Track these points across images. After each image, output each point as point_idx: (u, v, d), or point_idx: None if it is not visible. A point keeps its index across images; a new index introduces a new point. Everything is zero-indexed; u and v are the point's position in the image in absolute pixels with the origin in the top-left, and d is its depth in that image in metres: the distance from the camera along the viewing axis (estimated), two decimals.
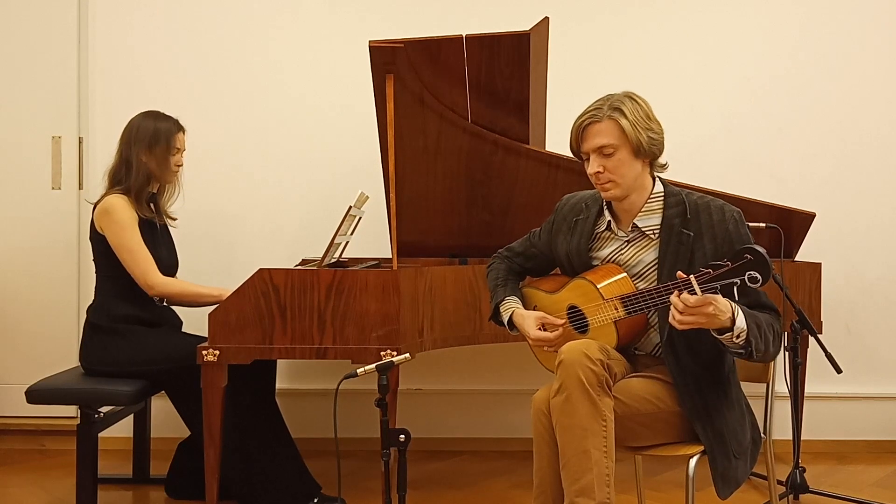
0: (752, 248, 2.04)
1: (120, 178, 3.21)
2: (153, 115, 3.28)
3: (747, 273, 2.04)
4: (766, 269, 2.03)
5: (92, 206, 3.23)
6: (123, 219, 3.12)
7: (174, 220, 3.39)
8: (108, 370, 3.09)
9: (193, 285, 3.27)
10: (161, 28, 4.04)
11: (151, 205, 3.28)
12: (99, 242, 3.17)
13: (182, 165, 3.32)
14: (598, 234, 2.48)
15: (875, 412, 4.09)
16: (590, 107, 2.36)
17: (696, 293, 2.08)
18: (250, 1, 4.06)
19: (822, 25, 4.08)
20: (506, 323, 2.57)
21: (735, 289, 2.06)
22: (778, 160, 4.08)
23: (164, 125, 3.26)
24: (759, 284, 2.04)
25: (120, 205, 3.13)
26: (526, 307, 2.57)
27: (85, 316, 3.22)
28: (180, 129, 3.31)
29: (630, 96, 2.36)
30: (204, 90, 4.03)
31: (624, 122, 2.30)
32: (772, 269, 2.05)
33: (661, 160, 2.41)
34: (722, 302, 2.10)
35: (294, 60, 4.05)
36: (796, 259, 3.68)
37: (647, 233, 2.39)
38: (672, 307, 2.12)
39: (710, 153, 4.05)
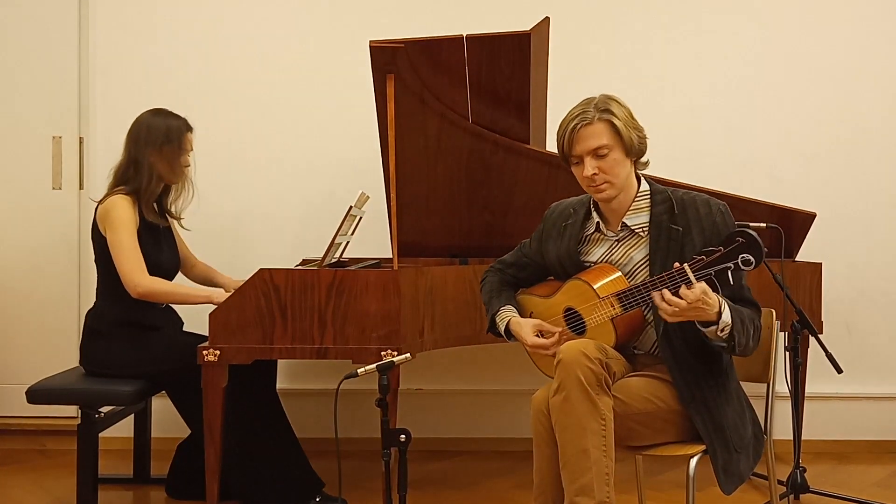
0: (743, 231, 2.05)
1: (127, 178, 3.15)
2: (163, 114, 3.21)
3: (740, 256, 2.05)
4: (759, 251, 2.04)
5: (95, 205, 3.18)
6: (122, 218, 3.07)
7: (181, 219, 3.33)
8: (108, 372, 3.08)
9: (181, 286, 3.22)
10: (161, 28, 4.04)
11: (156, 206, 3.23)
12: (100, 242, 3.13)
13: (189, 166, 3.26)
14: (587, 236, 2.50)
15: (875, 412, 4.09)
16: (575, 111, 2.36)
17: (690, 281, 2.10)
18: (251, 1, 4.06)
19: (821, 26, 4.08)
20: (503, 332, 2.57)
21: (729, 273, 2.07)
22: (778, 160, 4.08)
23: (174, 124, 3.19)
24: (752, 267, 2.05)
25: (121, 205, 3.09)
26: (522, 315, 2.58)
27: (84, 318, 3.20)
28: (190, 128, 3.24)
29: (612, 98, 2.37)
30: (204, 90, 4.03)
31: (616, 121, 2.32)
32: (764, 251, 2.06)
33: (643, 158, 2.43)
34: (712, 296, 2.13)
35: (294, 60, 4.05)
36: (797, 259, 3.68)
37: (637, 231, 2.41)
38: (662, 301, 2.15)
39: (710, 153, 4.05)
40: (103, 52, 4.02)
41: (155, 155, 3.15)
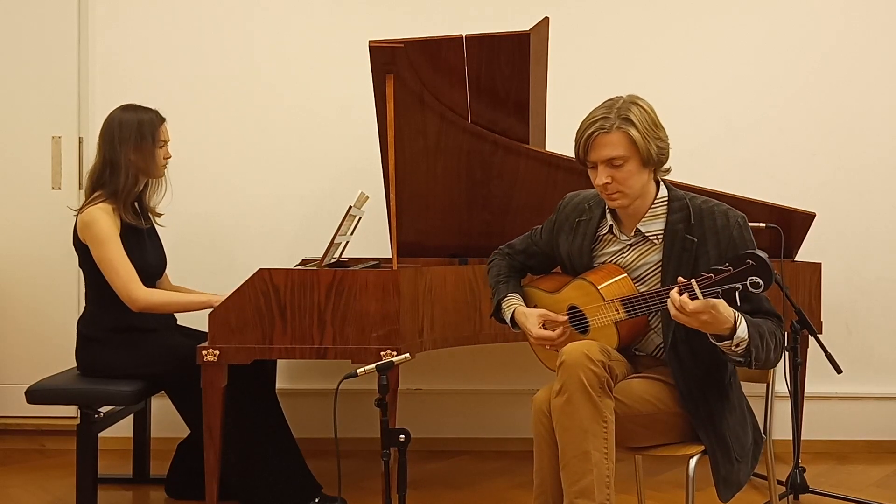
0: (754, 254, 2.03)
1: (104, 181, 3.07)
2: (132, 109, 3.13)
3: (749, 279, 2.03)
4: (768, 274, 2.03)
5: (75, 213, 3.12)
6: (104, 231, 3.00)
7: (160, 215, 3.27)
8: (107, 375, 3.07)
9: (179, 295, 3.17)
10: (161, 28, 4.03)
11: (136, 205, 3.15)
12: (83, 251, 3.09)
13: (170, 157, 3.19)
14: (600, 236, 2.47)
15: (875, 412, 4.09)
16: (595, 114, 2.29)
17: (697, 297, 2.08)
18: (250, 2, 4.06)
19: (822, 26, 4.08)
20: (508, 321, 2.56)
21: (737, 294, 2.05)
22: (778, 160, 4.08)
23: (146, 118, 3.11)
24: (760, 290, 2.03)
25: (101, 217, 3.01)
26: (526, 306, 2.57)
27: (77, 325, 3.18)
28: (162, 119, 3.16)
29: (636, 103, 2.30)
30: (204, 90, 4.03)
31: (634, 133, 2.25)
32: (773, 276, 2.04)
33: (665, 165, 2.37)
34: (724, 311, 2.08)
35: (294, 61, 4.05)
36: (796, 259, 3.68)
37: (651, 237, 2.38)
38: (670, 302, 2.12)
39: (711, 153, 4.05)
40: (103, 52, 4.02)
41: (133, 153, 3.08)
